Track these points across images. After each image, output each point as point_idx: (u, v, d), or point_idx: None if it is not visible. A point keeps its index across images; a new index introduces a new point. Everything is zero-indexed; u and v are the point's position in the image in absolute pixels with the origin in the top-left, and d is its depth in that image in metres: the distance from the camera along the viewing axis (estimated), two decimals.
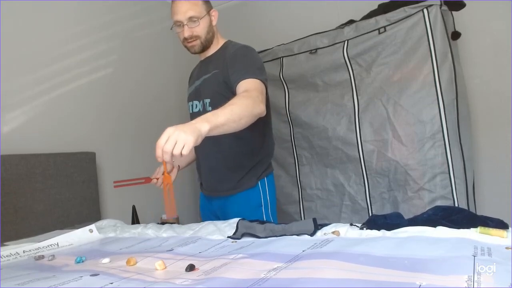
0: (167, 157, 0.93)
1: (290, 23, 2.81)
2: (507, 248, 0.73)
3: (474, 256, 0.69)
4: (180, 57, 2.93)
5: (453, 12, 1.96)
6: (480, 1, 2.09)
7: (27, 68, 2.06)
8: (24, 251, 1.23)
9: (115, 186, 1.32)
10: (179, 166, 1.60)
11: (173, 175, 1.55)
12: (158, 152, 0.94)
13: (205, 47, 1.46)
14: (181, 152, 0.93)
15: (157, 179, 1.43)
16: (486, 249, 0.73)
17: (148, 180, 1.42)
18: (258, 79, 1.30)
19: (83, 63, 2.36)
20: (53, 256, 1.13)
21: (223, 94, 1.37)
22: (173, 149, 0.93)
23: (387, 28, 2.02)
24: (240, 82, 1.28)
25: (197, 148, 1.53)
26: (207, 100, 1.45)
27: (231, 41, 1.52)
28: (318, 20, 2.62)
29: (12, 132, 1.97)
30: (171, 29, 1.48)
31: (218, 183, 1.51)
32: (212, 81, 1.43)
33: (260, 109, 1.19)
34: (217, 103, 1.32)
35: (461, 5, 1.91)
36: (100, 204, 2.28)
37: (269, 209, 1.49)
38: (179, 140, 0.93)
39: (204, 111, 1.45)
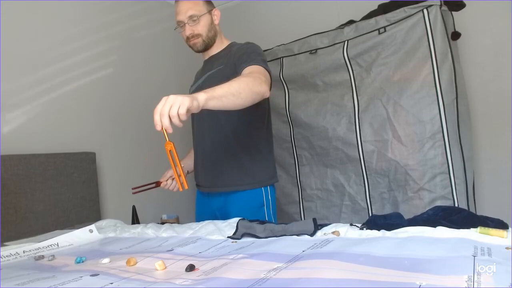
0: (165, 120, 0.94)
1: (290, 23, 2.81)
2: (507, 248, 0.73)
3: (474, 256, 0.69)
4: (180, 57, 2.94)
5: (453, 12, 1.96)
6: (480, 1, 2.09)
7: (27, 68, 2.06)
8: (24, 251, 1.23)
9: (133, 193, 1.40)
10: (187, 171, 1.66)
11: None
12: (156, 118, 0.95)
13: (207, 45, 1.49)
14: (178, 114, 0.94)
15: (166, 181, 1.54)
16: (486, 249, 0.73)
17: (159, 183, 1.51)
18: (262, 66, 1.32)
19: (83, 63, 2.35)
20: (53, 256, 1.13)
21: None
22: (169, 111, 0.94)
23: (387, 28, 2.02)
24: (244, 69, 1.30)
25: (197, 145, 1.55)
26: None
27: (236, 42, 1.55)
28: (318, 20, 2.62)
29: (12, 132, 1.97)
30: (174, 29, 1.52)
31: (217, 178, 1.50)
32: (216, 76, 1.45)
33: (261, 88, 1.20)
34: None
35: (461, 5, 1.91)
36: (100, 204, 2.28)
37: (270, 209, 1.50)
38: (175, 103, 0.95)
39: None
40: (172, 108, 0.94)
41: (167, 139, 0.99)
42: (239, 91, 1.11)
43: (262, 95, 1.21)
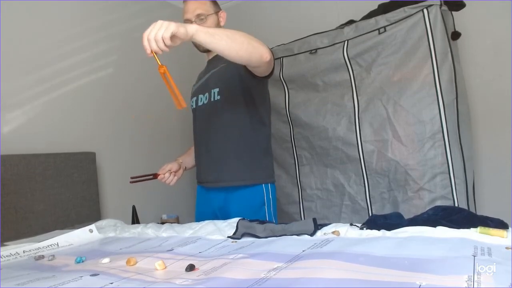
0: (152, 44, 0.99)
1: (290, 23, 2.81)
2: (507, 248, 0.73)
3: (474, 256, 0.69)
4: (181, 56, 2.94)
5: (453, 12, 1.96)
6: (480, 1, 2.09)
7: (27, 68, 2.06)
8: (24, 251, 1.23)
9: (131, 182, 1.41)
10: (185, 167, 1.67)
11: (179, 174, 1.62)
12: (145, 43, 1.00)
13: None
14: (162, 37, 0.98)
15: (164, 175, 1.55)
16: (486, 249, 0.73)
17: (156, 175, 1.53)
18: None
19: (83, 63, 2.36)
20: (53, 256, 1.13)
21: (233, 83, 1.41)
22: (155, 35, 0.98)
23: (387, 28, 2.02)
24: None
25: (199, 141, 1.55)
26: (215, 90, 1.47)
27: None
28: (318, 20, 2.62)
29: (12, 132, 1.97)
30: None
31: (219, 173, 1.50)
32: (220, 73, 1.47)
33: (261, 47, 1.18)
34: (226, 91, 1.39)
35: (461, 5, 1.91)
36: (100, 204, 2.28)
37: (271, 208, 1.50)
38: (161, 27, 1.00)
39: (209, 102, 1.48)
40: (158, 32, 0.99)
41: (159, 63, 1.03)
42: (234, 36, 1.12)
43: (261, 54, 1.19)
